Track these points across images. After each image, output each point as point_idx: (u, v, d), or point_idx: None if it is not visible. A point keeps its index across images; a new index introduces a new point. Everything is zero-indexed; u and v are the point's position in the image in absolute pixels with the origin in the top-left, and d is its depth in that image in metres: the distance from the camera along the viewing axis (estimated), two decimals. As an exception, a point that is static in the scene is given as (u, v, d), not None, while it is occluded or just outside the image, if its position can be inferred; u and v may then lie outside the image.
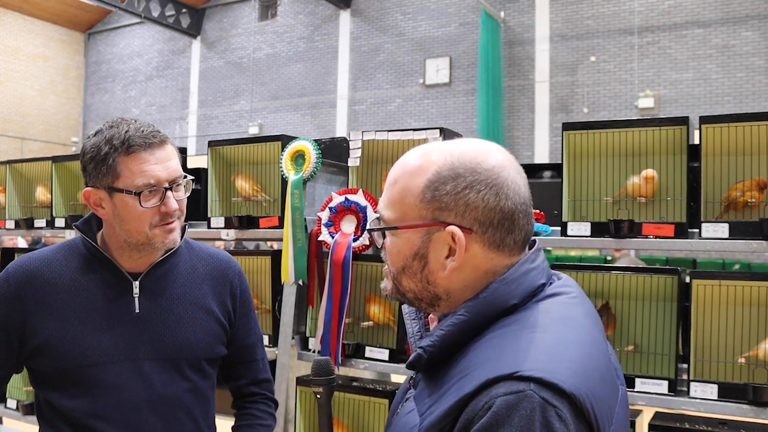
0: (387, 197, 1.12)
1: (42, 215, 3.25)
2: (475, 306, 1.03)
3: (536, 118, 12.95)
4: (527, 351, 0.95)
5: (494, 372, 0.92)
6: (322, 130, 14.89)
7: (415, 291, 1.09)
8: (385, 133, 2.40)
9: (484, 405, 0.90)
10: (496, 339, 0.99)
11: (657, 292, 2.07)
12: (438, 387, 1.00)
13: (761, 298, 1.91)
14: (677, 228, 1.97)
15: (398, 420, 1.08)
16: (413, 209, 1.06)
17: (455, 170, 1.05)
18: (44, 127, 18.12)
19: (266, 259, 2.62)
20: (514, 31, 13.18)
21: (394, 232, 1.09)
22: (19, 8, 17.40)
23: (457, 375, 0.98)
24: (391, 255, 1.11)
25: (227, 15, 16.88)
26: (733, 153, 2.00)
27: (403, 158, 1.14)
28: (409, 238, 1.07)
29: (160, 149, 1.54)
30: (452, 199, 1.04)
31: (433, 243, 1.06)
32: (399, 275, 1.10)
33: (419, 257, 1.07)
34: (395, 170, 1.13)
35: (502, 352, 0.96)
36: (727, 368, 1.93)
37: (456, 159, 1.06)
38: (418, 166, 1.08)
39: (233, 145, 2.75)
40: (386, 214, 1.11)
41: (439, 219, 1.05)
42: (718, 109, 11.04)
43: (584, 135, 2.17)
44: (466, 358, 0.99)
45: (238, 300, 1.73)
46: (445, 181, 1.05)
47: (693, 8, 11.75)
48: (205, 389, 1.63)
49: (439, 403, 0.97)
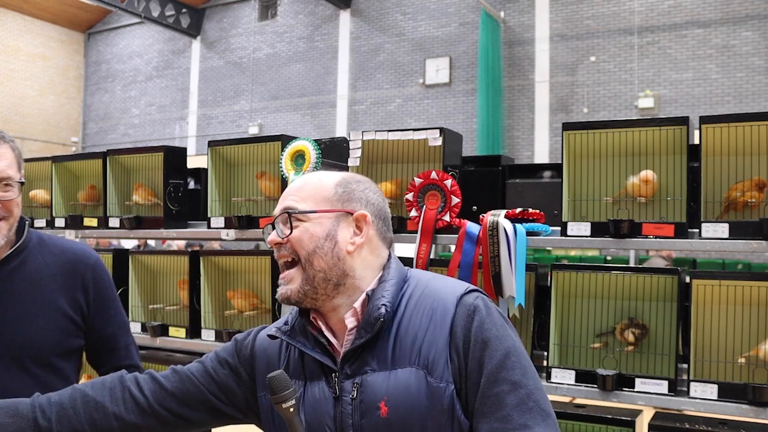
0: (298, 195, 1.36)
1: (42, 215, 3.25)
2: (394, 272, 1.35)
3: (536, 118, 12.95)
4: (454, 282, 1.38)
5: (456, 293, 1.31)
6: (322, 130, 14.89)
7: (323, 269, 1.31)
8: (385, 133, 2.40)
9: (468, 310, 1.28)
10: (427, 287, 1.34)
11: (657, 292, 2.07)
12: (403, 340, 1.28)
13: (761, 298, 1.91)
14: (677, 228, 1.97)
15: (385, 391, 1.26)
16: (325, 201, 1.35)
17: (354, 178, 1.42)
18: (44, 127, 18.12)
19: (266, 259, 2.62)
20: (514, 31, 13.18)
21: (306, 218, 1.33)
22: (19, 8, 17.39)
23: (420, 319, 1.29)
24: (299, 239, 1.32)
25: (227, 15, 16.87)
26: (733, 153, 2.00)
27: (306, 176, 1.43)
28: (321, 222, 1.33)
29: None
30: (357, 194, 1.37)
31: (342, 225, 1.34)
32: (311, 255, 1.31)
33: (329, 238, 1.32)
34: (302, 180, 1.41)
35: (444, 287, 1.34)
36: (727, 368, 1.93)
37: (343, 174, 1.42)
38: (324, 175, 1.41)
39: (233, 145, 2.75)
40: (302, 206, 1.34)
41: (347, 208, 1.35)
42: (718, 109, 11.03)
43: (584, 135, 2.17)
44: (414, 307, 1.31)
45: (91, 292, 1.76)
46: (350, 182, 1.39)
47: (693, 8, 11.74)
48: (56, 383, 1.64)
49: (427, 341, 1.27)
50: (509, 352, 1.25)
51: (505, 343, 1.26)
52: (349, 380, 1.29)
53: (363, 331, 1.29)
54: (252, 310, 2.65)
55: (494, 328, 1.26)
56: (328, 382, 1.31)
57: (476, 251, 2.14)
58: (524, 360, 1.27)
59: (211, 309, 2.74)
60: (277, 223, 1.36)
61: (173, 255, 2.95)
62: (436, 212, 2.22)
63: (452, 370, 1.25)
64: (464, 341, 1.26)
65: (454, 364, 1.25)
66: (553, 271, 2.18)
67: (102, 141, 18.30)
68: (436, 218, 2.22)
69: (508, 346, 1.26)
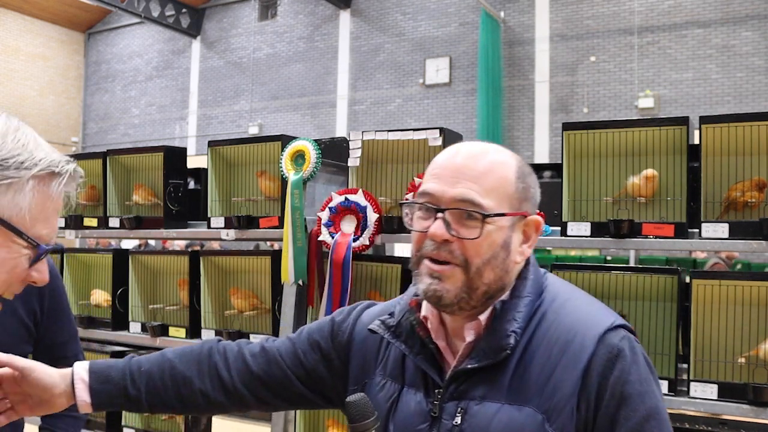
0: (481, 186, 1.11)
1: (42, 215, 3.24)
2: (531, 287, 1.15)
3: (536, 118, 12.94)
4: (598, 309, 1.15)
5: (599, 328, 1.09)
6: (322, 130, 14.88)
7: (489, 282, 1.12)
8: (385, 133, 2.40)
9: (610, 354, 1.07)
10: (563, 310, 1.13)
11: (657, 292, 2.07)
12: (525, 373, 1.09)
13: (761, 298, 1.91)
14: (677, 228, 1.97)
15: (487, 428, 1.08)
16: (508, 199, 1.13)
17: (526, 167, 1.18)
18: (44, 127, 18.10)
19: (266, 259, 2.62)
20: (514, 31, 13.18)
21: (491, 221, 1.10)
22: (19, 8, 17.39)
23: (550, 352, 1.09)
24: (478, 246, 1.09)
25: (227, 15, 16.87)
26: (733, 153, 2.00)
27: (478, 150, 1.16)
28: (502, 227, 1.12)
29: None
30: (531, 192, 1.17)
31: (515, 232, 1.14)
32: (484, 266, 1.10)
33: (504, 246, 1.12)
34: (481, 160, 1.14)
35: (584, 315, 1.12)
36: (727, 368, 1.93)
37: (518, 158, 1.18)
38: (504, 159, 1.15)
39: (233, 145, 2.75)
40: (487, 202, 1.10)
41: (522, 209, 1.15)
42: (718, 109, 11.02)
43: (584, 135, 2.16)
44: (545, 335, 1.11)
45: (46, 299, 1.75)
46: (525, 176, 1.16)
47: (693, 8, 11.74)
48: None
49: (554, 381, 1.07)
50: (651, 414, 1.07)
51: (647, 402, 1.07)
52: (453, 402, 1.12)
53: (482, 354, 1.11)
54: (252, 310, 2.65)
55: (638, 382, 1.07)
56: (428, 396, 1.15)
57: (476, 251, 2.13)
58: (666, 426, 1.09)
59: (211, 309, 2.74)
60: (447, 214, 1.11)
61: (173, 255, 2.95)
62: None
63: (577, 422, 1.06)
64: (598, 391, 1.06)
65: (581, 416, 1.07)
66: (553, 271, 2.18)
67: (102, 141, 18.29)
68: (436, 218, 2.21)
69: (651, 407, 1.07)
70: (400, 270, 2.35)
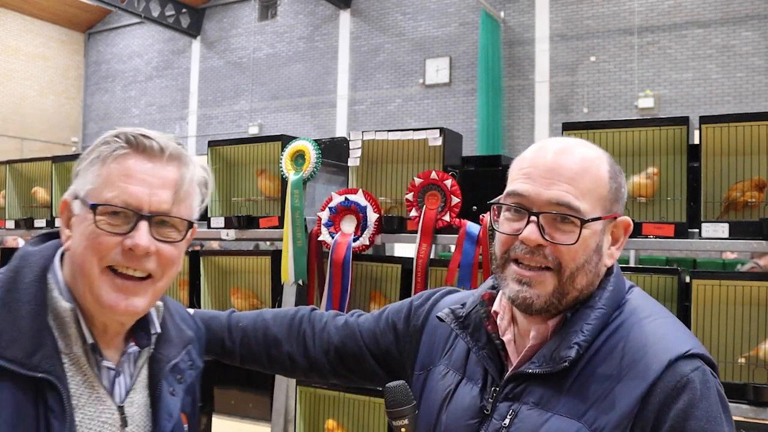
0: (577, 188, 1.05)
1: (42, 215, 3.25)
2: (609, 299, 1.08)
3: (536, 118, 12.94)
4: (678, 333, 1.06)
5: (670, 354, 1.00)
6: (322, 130, 14.88)
7: (582, 287, 1.07)
8: (385, 133, 2.40)
9: (677, 384, 0.98)
10: (639, 327, 1.05)
11: (657, 292, 2.07)
12: (583, 386, 1.03)
13: (761, 298, 1.91)
14: (677, 228, 1.97)
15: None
16: (602, 201, 1.08)
17: (616, 164, 1.12)
18: (44, 127, 18.10)
19: (266, 259, 2.62)
20: (514, 31, 13.17)
21: (587, 226, 1.05)
22: (19, 8, 17.38)
23: (613, 369, 1.01)
24: (575, 251, 1.05)
25: (227, 15, 16.87)
26: (733, 153, 2.00)
27: (567, 145, 1.10)
28: (596, 231, 1.07)
29: None
30: (622, 192, 1.11)
31: (606, 234, 1.09)
32: (577, 271, 1.06)
33: (597, 250, 1.08)
34: (574, 156, 1.08)
35: (659, 337, 1.03)
36: (727, 368, 1.93)
37: (608, 155, 1.12)
38: (595, 156, 1.10)
39: (233, 145, 2.75)
40: (583, 206, 1.05)
41: (613, 210, 1.09)
42: (718, 109, 11.02)
43: (584, 135, 2.16)
44: (612, 351, 1.03)
45: None
46: (616, 175, 1.11)
47: (693, 8, 11.74)
48: None
49: (610, 399, 1.00)
50: None
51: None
52: (507, 403, 1.09)
53: (543, 360, 1.07)
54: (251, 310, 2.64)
55: (705, 419, 0.97)
56: (484, 392, 1.13)
57: (476, 251, 2.14)
58: None
59: (211, 309, 2.74)
60: (542, 218, 1.06)
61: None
62: (436, 212, 2.22)
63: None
64: (657, 420, 0.98)
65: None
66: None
67: (102, 141, 18.26)
68: (436, 218, 2.22)
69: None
70: (400, 270, 2.35)
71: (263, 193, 2.64)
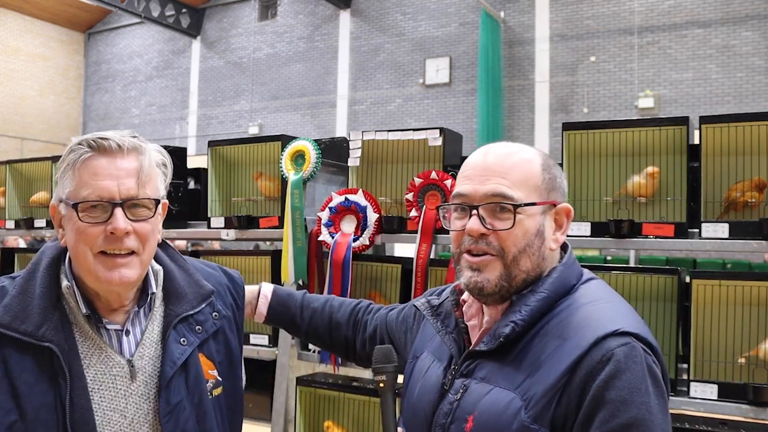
0: (510, 180, 1.19)
1: (42, 215, 3.25)
2: (552, 284, 1.19)
3: (536, 118, 12.94)
4: (614, 315, 1.15)
5: (599, 332, 1.10)
6: (322, 130, 14.88)
7: (528, 270, 1.19)
8: (385, 133, 2.40)
9: (602, 357, 1.07)
10: (578, 310, 1.16)
11: (657, 292, 2.07)
12: (522, 361, 1.14)
13: (761, 298, 1.91)
14: (677, 228, 1.97)
15: (475, 406, 1.16)
16: (537, 190, 1.21)
17: (551, 160, 1.26)
18: (44, 127, 18.11)
19: (266, 259, 2.62)
20: (514, 31, 13.18)
21: (522, 211, 1.18)
22: (19, 8, 17.38)
23: (548, 346, 1.13)
24: (515, 236, 1.18)
25: (227, 15, 16.87)
26: (733, 153, 2.00)
27: (505, 149, 1.24)
28: (533, 215, 1.20)
29: None
30: (557, 182, 1.24)
31: (547, 220, 1.22)
32: (520, 255, 1.18)
33: (539, 235, 1.20)
34: (504, 159, 1.22)
35: (593, 318, 1.13)
36: (727, 368, 1.93)
37: (542, 153, 1.26)
38: (529, 155, 1.24)
39: (233, 145, 2.75)
40: (516, 194, 1.19)
41: (550, 198, 1.22)
42: (718, 109, 11.03)
43: (584, 135, 2.16)
44: (551, 330, 1.15)
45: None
46: (551, 167, 1.25)
47: (693, 8, 11.74)
48: None
49: (542, 372, 1.11)
50: (633, 424, 1.04)
51: (632, 411, 1.04)
52: (461, 379, 1.21)
53: (489, 339, 1.19)
54: (252, 310, 2.64)
55: (626, 389, 1.05)
56: (447, 371, 1.25)
57: (476, 251, 2.14)
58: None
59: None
60: (481, 210, 1.19)
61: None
62: (436, 212, 2.22)
63: (555, 415, 1.08)
64: (581, 391, 1.07)
65: (561, 410, 1.08)
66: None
67: (102, 141, 18.25)
68: (436, 218, 2.22)
69: (636, 417, 1.04)
70: (400, 270, 2.35)
71: (263, 193, 2.64)
